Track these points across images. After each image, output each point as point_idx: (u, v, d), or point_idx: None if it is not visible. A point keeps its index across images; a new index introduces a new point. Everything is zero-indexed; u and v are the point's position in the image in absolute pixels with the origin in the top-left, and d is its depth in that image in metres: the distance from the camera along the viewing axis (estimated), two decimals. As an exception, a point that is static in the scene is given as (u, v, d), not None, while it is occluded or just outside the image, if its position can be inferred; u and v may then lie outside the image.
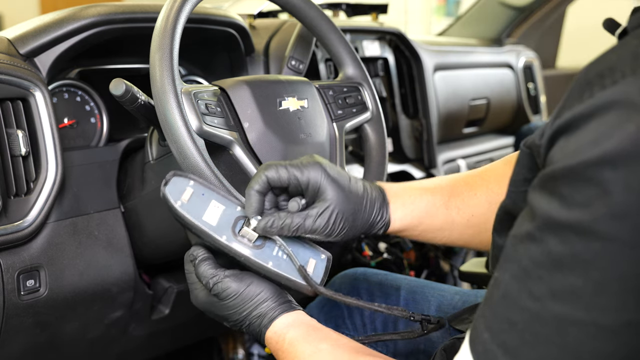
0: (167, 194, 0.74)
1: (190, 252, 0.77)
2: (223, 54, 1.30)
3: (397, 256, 1.69)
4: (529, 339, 0.47)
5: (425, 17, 4.23)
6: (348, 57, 1.07)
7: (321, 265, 0.79)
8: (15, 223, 0.92)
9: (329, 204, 0.76)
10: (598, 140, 0.43)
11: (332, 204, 0.76)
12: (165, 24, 0.83)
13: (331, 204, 0.76)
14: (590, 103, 0.45)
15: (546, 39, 2.75)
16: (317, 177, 0.76)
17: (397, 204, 0.83)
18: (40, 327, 1.00)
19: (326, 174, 0.77)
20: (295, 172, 0.76)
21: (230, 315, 0.75)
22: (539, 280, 0.46)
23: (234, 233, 0.75)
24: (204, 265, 0.75)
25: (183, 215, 0.73)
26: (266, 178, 0.75)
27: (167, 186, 0.74)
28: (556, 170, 0.46)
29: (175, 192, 0.74)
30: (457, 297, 0.99)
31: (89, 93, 1.15)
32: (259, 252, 0.75)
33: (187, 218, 0.73)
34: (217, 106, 0.88)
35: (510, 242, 0.51)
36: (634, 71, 0.44)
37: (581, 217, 0.44)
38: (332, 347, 0.69)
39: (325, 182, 0.76)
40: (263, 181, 0.75)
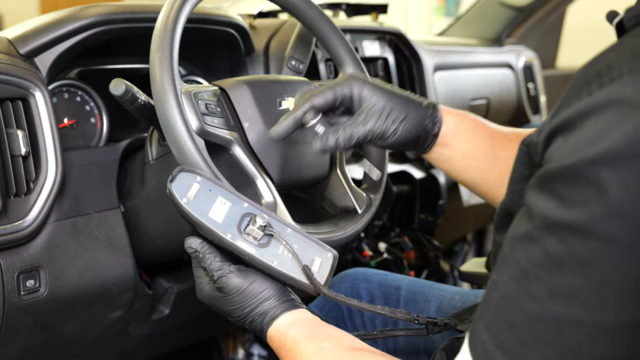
0: (173, 190, 0.74)
1: (188, 243, 0.77)
2: (223, 54, 1.30)
3: (397, 256, 1.69)
4: (528, 339, 0.47)
5: (425, 17, 4.23)
6: (348, 57, 1.07)
7: (327, 264, 0.78)
8: (15, 223, 0.92)
9: (375, 103, 0.79)
10: (595, 139, 0.43)
11: (377, 102, 0.79)
12: (165, 24, 0.83)
13: (377, 103, 0.79)
14: (588, 102, 0.45)
15: (546, 39, 2.74)
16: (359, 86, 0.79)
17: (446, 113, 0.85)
18: (40, 327, 1.00)
19: (365, 82, 0.80)
20: (340, 90, 0.79)
21: (232, 311, 0.76)
22: (537, 280, 0.46)
23: (240, 231, 0.75)
24: (211, 258, 0.75)
25: (189, 212, 0.73)
26: (311, 106, 0.78)
27: (174, 182, 0.74)
28: (553, 170, 0.46)
29: (181, 189, 0.74)
30: (457, 297, 0.99)
31: (89, 93, 1.15)
32: (264, 250, 0.75)
33: (193, 215, 0.73)
34: (217, 106, 0.88)
35: (508, 242, 0.50)
36: (631, 70, 0.44)
37: (579, 216, 0.43)
38: (335, 345, 0.69)
39: (368, 88, 0.80)
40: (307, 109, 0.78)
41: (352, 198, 1.00)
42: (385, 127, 0.79)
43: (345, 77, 0.81)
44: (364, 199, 1.01)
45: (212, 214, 0.74)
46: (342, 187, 1.00)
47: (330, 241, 0.88)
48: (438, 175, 1.80)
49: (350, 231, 0.93)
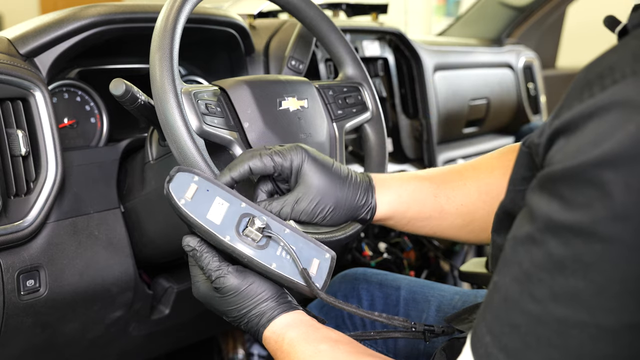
0: (171, 191, 0.73)
1: (186, 242, 0.76)
2: (223, 54, 1.30)
3: (397, 256, 1.69)
4: (531, 341, 0.47)
5: (425, 17, 4.23)
6: (348, 57, 1.07)
7: (325, 265, 0.78)
8: (15, 223, 0.91)
9: (310, 187, 0.77)
10: (598, 141, 0.43)
11: (312, 186, 0.77)
12: (165, 24, 0.83)
13: (312, 187, 0.77)
14: (590, 103, 0.45)
15: (546, 39, 2.74)
16: (299, 160, 0.77)
17: (383, 189, 0.83)
18: (40, 327, 1.00)
19: (308, 156, 0.78)
20: (279, 159, 0.77)
21: (229, 311, 0.75)
22: (540, 282, 0.46)
23: (238, 232, 0.74)
24: (209, 257, 0.75)
25: (187, 214, 0.73)
26: (249, 168, 0.76)
27: (171, 183, 0.73)
28: (556, 171, 0.45)
29: (179, 190, 0.74)
30: (457, 297, 0.99)
31: (89, 93, 1.15)
32: (263, 252, 0.74)
33: (191, 217, 0.72)
34: (217, 106, 0.88)
35: (510, 244, 0.50)
36: (634, 71, 0.44)
37: (582, 218, 0.43)
38: (332, 347, 0.69)
39: (307, 165, 0.77)
40: (245, 170, 0.77)
41: (352, 198, 1.00)
42: (315, 212, 0.78)
43: (289, 147, 0.79)
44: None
45: (210, 215, 0.74)
46: (342, 187, 1.00)
47: (330, 241, 0.88)
48: (438, 175, 1.80)
49: (350, 231, 0.93)
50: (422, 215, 0.85)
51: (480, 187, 0.85)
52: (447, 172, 0.87)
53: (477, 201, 0.85)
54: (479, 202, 0.85)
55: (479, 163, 0.88)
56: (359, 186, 0.81)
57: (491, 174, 0.86)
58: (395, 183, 0.84)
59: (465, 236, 0.89)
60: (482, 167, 0.87)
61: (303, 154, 0.78)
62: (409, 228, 0.87)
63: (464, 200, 0.85)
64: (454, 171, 0.87)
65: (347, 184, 0.80)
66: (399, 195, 0.83)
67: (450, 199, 0.85)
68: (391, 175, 0.86)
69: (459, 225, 0.86)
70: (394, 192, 0.83)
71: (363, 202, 0.81)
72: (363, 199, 0.81)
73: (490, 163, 0.87)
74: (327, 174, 0.78)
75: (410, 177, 0.85)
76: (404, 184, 0.84)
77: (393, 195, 0.83)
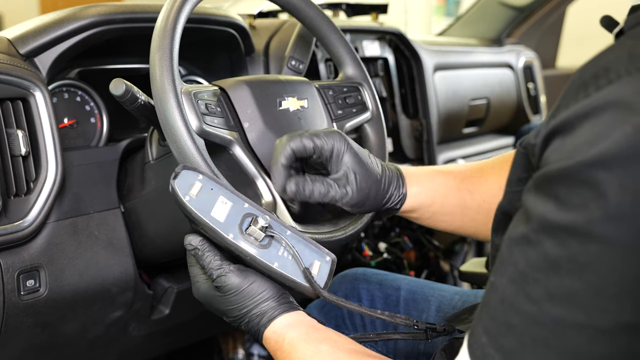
0: (176, 187, 0.73)
1: (188, 240, 0.76)
2: (223, 54, 1.30)
3: (397, 256, 1.69)
4: (527, 342, 0.47)
5: (425, 17, 4.23)
6: (348, 57, 1.07)
7: (326, 267, 0.78)
8: (15, 223, 0.92)
9: (354, 173, 0.78)
10: (593, 141, 0.43)
11: (356, 172, 0.79)
12: (165, 24, 0.83)
13: (355, 173, 0.79)
14: (585, 103, 0.45)
15: (546, 39, 2.74)
16: (341, 146, 0.79)
17: (412, 181, 0.86)
18: (40, 327, 1.00)
19: (348, 143, 0.80)
20: (320, 141, 0.78)
21: (229, 310, 0.75)
22: (535, 283, 0.46)
23: (241, 231, 0.74)
24: (210, 256, 0.75)
25: (191, 211, 0.73)
26: (291, 150, 0.76)
27: (176, 180, 0.74)
28: (551, 172, 0.46)
29: (184, 186, 0.74)
30: (457, 297, 0.99)
31: (89, 93, 1.15)
32: (265, 251, 0.75)
33: (195, 213, 0.73)
34: (217, 106, 0.88)
35: (506, 244, 0.50)
36: (629, 72, 0.44)
37: (577, 219, 0.43)
38: (333, 348, 0.69)
39: (349, 151, 0.79)
40: (289, 154, 0.77)
41: (352, 198, 1.00)
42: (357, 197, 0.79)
43: (329, 131, 0.80)
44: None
45: (214, 213, 0.74)
46: (342, 187, 1.01)
47: (330, 241, 0.88)
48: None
49: (350, 231, 0.93)
50: (445, 210, 0.88)
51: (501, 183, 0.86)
52: (469, 168, 0.90)
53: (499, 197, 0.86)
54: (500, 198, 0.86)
55: (499, 159, 0.90)
56: (392, 177, 0.84)
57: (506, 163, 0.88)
58: (422, 176, 0.87)
59: (484, 233, 0.90)
60: (503, 164, 0.89)
61: (344, 141, 0.80)
62: (430, 222, 0.90)
63: (485, 196, 0.87)
64: (476, 167, 0.90)
65: (382, 173, 0.83)
66: (426, 188, 0.86)
67: (473, 194, 0.87)
68: (417, 168, 0.89)
69: (480, 222, 0.88)
70: (421, 185, 0.86)
71: (395, 191, 0.84)
72: (395, 189, 0.84)
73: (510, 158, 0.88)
74: (366, 164, 0.81)
75: (435, 171, 0.89)
76: (430, 177, 0.87)
77: (421, 188, 0.86)
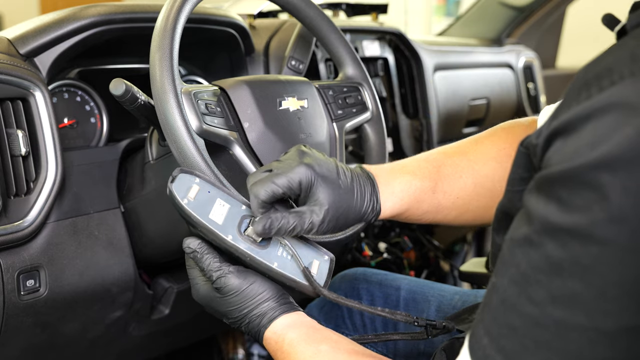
0: (174, 191, 0.73)
1: (187, 244, 0.76)
2: (223, 54, 1.30)
3: (397, 256, 1.69)
4: (529, 344, 0.47)
5: (425, 17, 4.23)
6: (348, 57, 1.07)
7: (325, 266, 0.79)
8: (15, 223, 0.91)
9: (322, 204, 0.76)
10: (596, 143, 0.43)
11: (325, 202, 0.76)
12: (165, 24, 0.83)
13: (324, 203, 0.76)
14: (588, 105, 0.44)
15: (546, 39, 2.74)
16: (308, 179, 0.76)
17: (386, 193, 0.84)
18: (40, 327, 1.00)
19: (314, 173, 0.76)
20: (284, 182, 0.74)
21: (230, 312, 0.75)
22: (537, 285, 0.46)
23: (240, 232, 0.75)
24: (209, 258, 0.75)
25: (190, 213, 0.73)
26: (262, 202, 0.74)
27: (174, 183, 0.74)
28: (553, 173, 0.45)
29: (181, 190, 0.74)
30: (457, 297, 0.99)
31: (89, 93, 1.15)
32: (264, 252, 0.75)
33: (194, 216, 0.73)
34: (217, 106, 0.88)
35: (507, 245, 0.50)
36: (632, 73, 0.44)
37: (579, 221, 0.43)
38: (332, 348, 0.69)
39: (316, 182, 0.76)
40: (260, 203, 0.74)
41: (352, 198, 1.00)
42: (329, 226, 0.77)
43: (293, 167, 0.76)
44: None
45: (212, 215, 0.74)
46: (342, 187, 1.00)
47: (330, 241, 0.88)
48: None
49: (350, 231, 0.93)
50: (420, 212, 0.87)
51: (475, 179, 0.87)
52: (443, 165, 0.87)
53: (472, 193, 0.87)
54: (474, 194, 0.87)
55: (474, 153, 0.88)
56: (365, 193, 0.81)
57: (486, 164, 0.87)
58: (397, 185, 0.85)
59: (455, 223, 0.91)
60: (477, 158, 0.88)
61: (311, 175, 0.76)
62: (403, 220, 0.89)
63: (459, 193, 0.86)
64: (450, 164, 0.88)
65: (354, 194, 0.80)
66: (401, 198, 0.84)
67: (447, 193, 0.86)
68: (392, 173, 0.86)
69: (454, 216, 0.89)
70: (396, 196, 0.84)
71: (370, 209, 0.82)
72: (369, 207, 0.82)
73: (485, 153, 0.88)
74: (335, 189, 0.78)
75: (410, 175, 0.86)
76: (406, 185, 0.85)
77: (395, 199, 0.84)
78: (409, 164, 0.88)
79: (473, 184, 0.86)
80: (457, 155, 0.88)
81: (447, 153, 0.89)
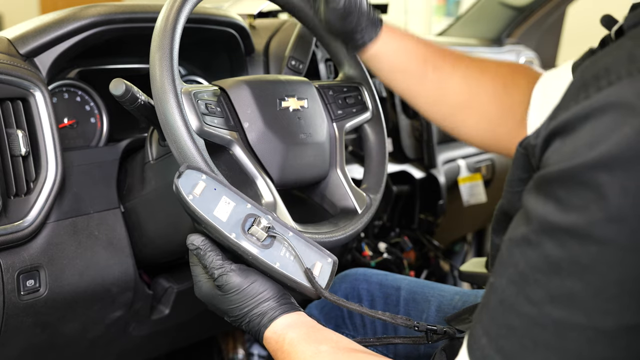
0: (180, 186, 0.74)
1: (190, 240, 0.77)
2: (223, 54, 1.30)
3: (397, 256, 1.69)
4: (528, 344, 0.47)
5: (425, 17, 4.23)
6: (348, 57, 1.07)
7: (327, 268, 0.79)
8: (15, 223, 0.92)
9: None
10: (594, 143, 0.43)
11: None
12: (165, 24, 0.83)
13: None
14: (586, 105, 0.45)
15: (546, 39, 2.74)
16: None
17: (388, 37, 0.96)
18: (40, 327, 1.00)
19: None
20: None
21: (231, 310, 0.76)
22: (536, 284, 0.46)
23: (244, 231, 0.75)
24: (212, 256, 0.75)
25: (195, 210, 0.73)
26: None
27: (180, 179, 0.74)
28: (552, 173, 0.45)
29: (187, 186, 0.74)
30: (457, 297, 0.99)
31: (89, 93, 1.15)
32: (267, 251, 0.75)
33: (199, 212, 0.73)
34: (217, 106, 0.88)
35: (506, 245, 0.50)
36: (629, 73, 0.44)
37: (577, 220, 0.43)
38: (333, 348, 0.69)
39: None
40: None
41: (352, 198, 1.00)
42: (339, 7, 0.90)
43: None
44: (364, 199, 1.01)
45: (217, 212, 0.74)
46: (342, 187, 1.01)
47: (330, 241, 0.88)
48: (438, 176, 1.80)
49: (350, 231, 0.93)
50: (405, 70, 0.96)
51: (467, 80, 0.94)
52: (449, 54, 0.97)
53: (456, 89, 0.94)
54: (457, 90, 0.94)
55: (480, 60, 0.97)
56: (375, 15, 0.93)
57: (482, 76, 0.94)
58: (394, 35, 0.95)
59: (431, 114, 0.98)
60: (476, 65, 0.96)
61: None
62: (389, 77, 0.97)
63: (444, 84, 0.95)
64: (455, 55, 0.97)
65: None
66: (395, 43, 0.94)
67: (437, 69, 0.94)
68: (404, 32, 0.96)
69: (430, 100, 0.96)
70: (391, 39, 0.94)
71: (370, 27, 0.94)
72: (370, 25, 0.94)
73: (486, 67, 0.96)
74: None
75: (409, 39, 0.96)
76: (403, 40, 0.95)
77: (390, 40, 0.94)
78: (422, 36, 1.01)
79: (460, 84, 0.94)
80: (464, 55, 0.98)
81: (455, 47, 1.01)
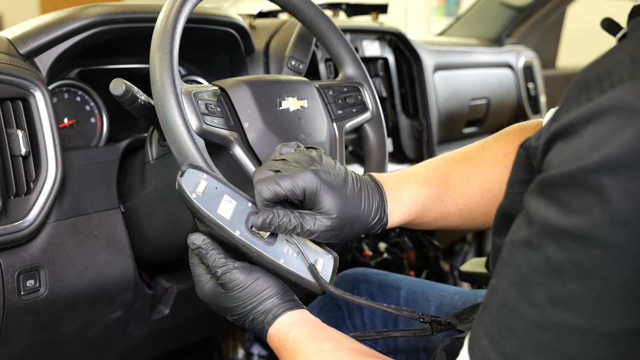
0: (183, 185, 0.74)
1: (191, 240, 0.76)
2: (223, 54, 1.30)
3: (397, 256, 1.69)
4: (529, 346, 0.47)
5: (425, 17, 4.23)
6: (348, 57, 1.07)
7: (329, 264, 0.80)
8: (15, 223, 0.91)
9: (328, 212, 0.75)
10: (596, 146, 0.43)
11: (330, 211, 0.75)
12: (165, 24, 0.83)
13: (330, 212, 0.75)
14: (588, 107, 0.44)
15: (546, 39, 2.74)
16: (313, 187, 0.75)
17: (394, 204, 0.82)
18: (40, 327, 1.00)
19: (321, 181, 0.75)
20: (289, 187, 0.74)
21: (234, 308, 0.75)
22: (538, 287, 0.46)
23: (247, 228, 0.75)
24: (214, 254, 0.75)
25: (199, 208, 0.73)
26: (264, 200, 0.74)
27: (183, 177, 0.74)
28: (554, 176, 0.45)
29: (190, 184, 0.74)
30: (457, 297, 0.99)
31: (89, 93, 1.15)
32: (271, 249, 0.75)
33: (203, 211, 0.73)
34: (217, 106, 0.88)
35: (508, 247, 0.50)
36: (632, 75, 0.43)
37: (580, 223, 0.43)
38: (336, 347, 0.70)
39: (321, 191, 0.75)
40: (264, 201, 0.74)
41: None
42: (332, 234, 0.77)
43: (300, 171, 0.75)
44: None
45: (220, 210, 0.75)
46: (342, 187, 1.00)
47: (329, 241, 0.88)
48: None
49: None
50: (428, 220, 0.86)
51: (483, 185, 0.86)
52: (451, 172, 0.87)
53: (480, 200, 0.86)
54: (482, 200, 0.86)
55: (481, 158, 0.88)
56: (372, 205, 0.80)
57: (493, 170, 0.86)
58: (405, 194, 0.83)
59: (464, 228, 0.91)
60: (484, 164, 0.87)
61: (317, 183, 0.75)
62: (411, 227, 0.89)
63: (467, 201, 0.86)
64: (458, 171, 0.87)
65: (361, 205, 0.79)
66: (409, 208, 0.83)
67: (455, 200, 0.86)
68: (400, 182, 0.85)
69: (459, 223, 0.89)
70: (404, 206, 0.83)
71: (376, 221, 0.81)
72: (376, 218, 0.81)
73: (492, 157, 0.88)
74: (342, 198, 0.76)
75: (419, 184, 0.85)
76: (414, 194, 0.84)
77: (403, 209, 0.83)
78: (417, 171, 0.87)
79: (480, 189, 0.86)
80: (464, 161, 0.88)
81: (454, 159, 0.89)
